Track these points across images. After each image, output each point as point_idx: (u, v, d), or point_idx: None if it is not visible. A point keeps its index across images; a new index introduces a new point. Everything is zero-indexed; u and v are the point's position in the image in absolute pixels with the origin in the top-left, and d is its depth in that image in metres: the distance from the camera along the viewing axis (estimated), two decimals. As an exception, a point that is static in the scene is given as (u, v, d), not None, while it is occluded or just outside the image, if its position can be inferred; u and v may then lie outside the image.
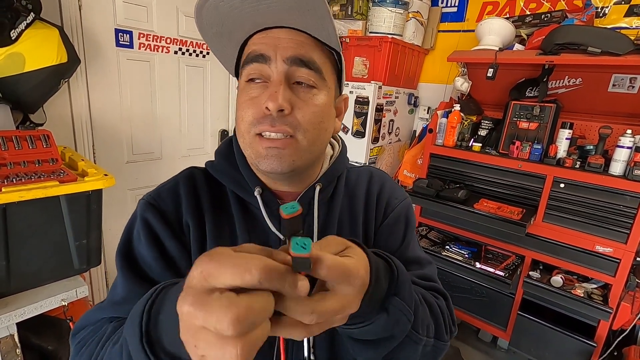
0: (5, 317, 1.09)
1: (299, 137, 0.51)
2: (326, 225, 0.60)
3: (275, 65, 0.49)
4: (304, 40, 0.50)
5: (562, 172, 1.83)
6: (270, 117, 0.49)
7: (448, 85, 2.62)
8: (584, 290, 1.80)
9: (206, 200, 0.59)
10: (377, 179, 0.67)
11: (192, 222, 0.56)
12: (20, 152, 1.25)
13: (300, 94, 0.50)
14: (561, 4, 2.18)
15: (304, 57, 0.49)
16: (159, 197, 0.58)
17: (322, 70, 0.52)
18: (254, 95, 0.51)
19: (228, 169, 0.59)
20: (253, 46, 0.51)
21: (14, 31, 1.33)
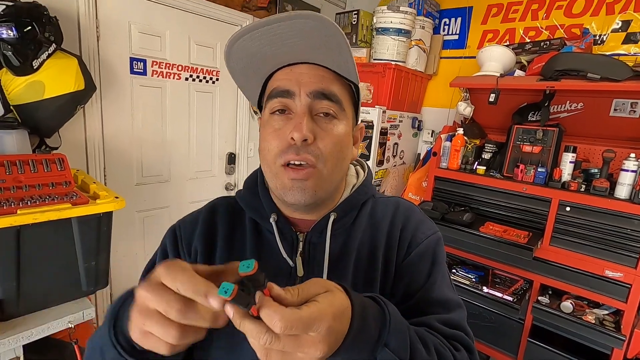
0: (12, 340, 1.10)
1: (320, 167, 0.53)
2: (342, 256, 0.59)
3: (299, 99, 0.53)
4: (325, 74, 0.54)
5: (567, 196, 1.83)
6: (295, 147, 0.52)
7: (451, 109, 2.67)
8: (595, 317, 1.76)
9: (222, 228, 0.62)
10: (403, 211, 0.64)
11: (201, 248, 0.60)
12: (35, 175, 1.30)
13: (322, 124, 0.54)
14: (560, 31, 2.25)
15: (325, 91, 0.53)
16: (182, 223, 0.64)
17: (342, 101, 0.55)
18: (278, 127, 0.54)
19: (250, 196, 0.63)
20: (277, 82, 0.55)
21: (36, 61, 1.41)
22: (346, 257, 0.59)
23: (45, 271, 1.19)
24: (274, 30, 0.49)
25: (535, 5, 2.32)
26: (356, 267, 0.59)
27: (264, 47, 0.51)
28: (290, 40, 0.50)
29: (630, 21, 2.03)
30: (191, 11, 2.15)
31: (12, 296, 1.14)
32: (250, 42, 0.50)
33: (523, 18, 2.38)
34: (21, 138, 1.41)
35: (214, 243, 0.61)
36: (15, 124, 1.41)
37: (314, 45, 0.51)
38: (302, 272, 0.57)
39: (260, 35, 0.50)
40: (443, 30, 2.71)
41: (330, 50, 0.51)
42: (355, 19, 2.54)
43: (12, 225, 1.07)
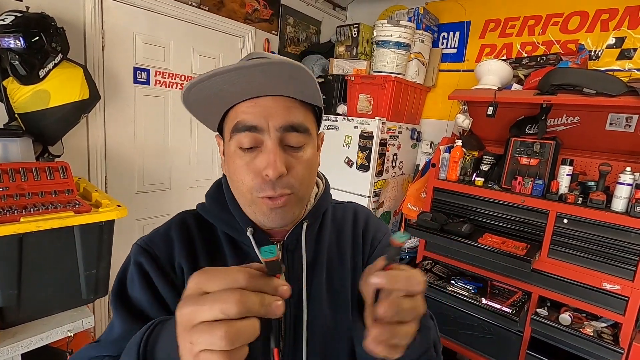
0: (12, 348, 1.10)
1: (296, 192, 0.55)
2: (315, 259, 0.63)
3: (268, 135, 0.52)
4: (291, 104, 0.53)
5: (564, 208, 1.84)
6: (270, 183, 0.52)
7: (450, 121, 2.71)
8: (593, 329, 1.76)
9: (200, 243, 0.61)
10: (362, 215, 0.72)
11: (186, 265, 0.59)
12: (38, 182, 1.31)
13: (292, 153, 0.54)
14: (556, 47, 2.30)
15: (293, 124, 0.53)
16: (152, 242, 0.60)
17: (309, 128, 0.56)
18: (249, 160, 0.53)
19: (219, 211, 0.62)
20: (243, 115, 0.52)
21: (43, 70, 1.43)
22: (319, 260, 0.64)
23: (46, 279, 1.19)
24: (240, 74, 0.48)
25: (532, 21, 2.38)
26: (328, 268, 0.64)
27: (225, 85, 0.50)
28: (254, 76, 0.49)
29: (624, 38, 2.09)
30: (195, 23, 2.19)
31: (12, 304, 1.13)
32: (210, 84, 0.49)
33: (520, 33, 2.44)
34: (25, 146, 1.42)
35: (197, 259, 0.60)
36: (20, 132, 1.42)
37: (279, 78, 0.50)
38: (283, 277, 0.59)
39: (223, 79, 0.48)
40: (442, 44, 2.76)
41: (293, 80, 0.51)
42: (356, 32, 2.59)
43: (15, 233, 1.08)
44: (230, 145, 0.55)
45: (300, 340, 0.58)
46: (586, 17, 2.20)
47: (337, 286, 0.63)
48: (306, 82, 0.52)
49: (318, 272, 0.63)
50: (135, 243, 0.61)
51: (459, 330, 2.18)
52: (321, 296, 0.62)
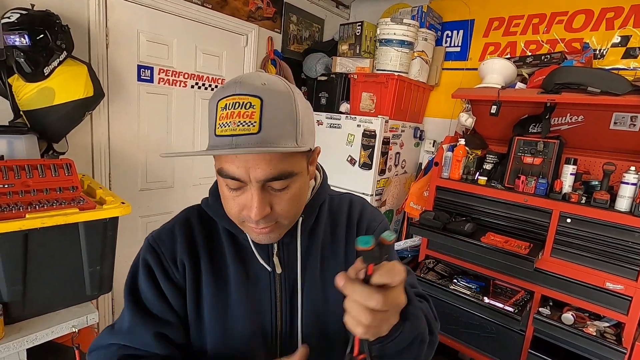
0: (17, 343, 1.11)
1: (281, 221, 0.58)
2: (310, 251, 0.67)
3: (250, 184, 0.53)
4: (273, 156, 0.52)
5: (568, 207, 1.84)
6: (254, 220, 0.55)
7: (453, 120, 2.70)
8: (596, 329, 1.76)
9: (200, 239, 0.65)
10: (357, 205, 0.74)
11: (187, 261, 0.63)
12: (43, 179, 1.32)
13: (276, 193, 0.55)
14: (560, 45, 2.29)
15: (275, 175, 0.53)
16: (159, 239, 0.65)
17: (294, 170, 0.55)
18: (235, 195, 0.56)
19: (220, 208, 0.63)
20: (226, 164, 0.53)
21: (47, 68, 1.44)
22: (313, 250, 0.67)
23: (51, 275, 1.20)
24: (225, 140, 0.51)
25: (536, 19, 2.37)
26: (322, 255, 0.68)
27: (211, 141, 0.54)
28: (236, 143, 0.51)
29: (629, 36, 2.07)
30: (198, 20, 2.20)
31: (17, 299, 1.14)
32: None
33: (524, 32, 2.42)
34: (30, 143, 1.43)
35: (197, 255, 0.64)
36: (25, 129, 1.43)
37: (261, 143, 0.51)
38: (280, 269, 0.64)
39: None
40: (445, 42, 2.75)
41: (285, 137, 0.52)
42: (359, 30, 2.59)
43: (21, 229, 1.09)
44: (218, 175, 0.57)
45: (295, 321, 0.64)
46: (591, 16, 2.18)
47: (331, 272, 0.66)
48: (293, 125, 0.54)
49: (312, 260, 0.66)
50: (146, 238, 0.66)
51: (461, 329, 2.18)
52: (315, 281, 0.66)
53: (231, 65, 2.45)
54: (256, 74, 0.55)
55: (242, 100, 0.50)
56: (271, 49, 2.62)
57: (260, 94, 0.50)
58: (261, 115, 0.50)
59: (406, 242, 2.55)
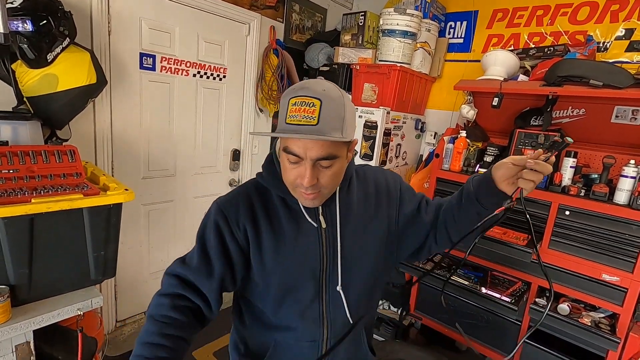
0: (24, 324, 1.13)
1: (323, 191, 0.78)
2: (347, 211, 0.87)
3: (306, 161, 0.73)
4: (324, 142, 0.72)
5: (567, 200, 1.85)
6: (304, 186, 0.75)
7: (454, 112, 2.70)
8: (591, 319, 1.79)
9: (259, 207, 0.84)
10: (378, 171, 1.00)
11: (249, 225, 0.82)
12: (47, 165, 1.33)
13: (322, 170, 0.76)
14: (564, 38, 2.28)
15: (324, 156, 0.73)
16: (226, 205, 0.84)
17: (337, 154, 0.75)
18: (293, 167, 0.76)
19: (274, 180, 0.84)
20: (290, 144, 0.73)
21: (51, 54, 1.44)
22: (350, 212, 0.88)
23: (56, 259, 1.22)
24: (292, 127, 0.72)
25: (541, 11, 2.35)
26: (358, 215, 0.89)
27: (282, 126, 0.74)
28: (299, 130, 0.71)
29: (633, 29, 2.06)
30: (201, 8, 2.19)
31: (24, 282, 1.17)
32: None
33: (528, 23, 2.41)
34: (34, 129, 1.44)
35: (257, 218, 0.83)
36: (29, 115, 1.44)
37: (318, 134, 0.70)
38: (324, 225, 0.86)
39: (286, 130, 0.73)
40: (448, 34, 2.74)
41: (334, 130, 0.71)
42: (362, 20, 2.57)
43: (27, 213, 1.10)
44: (281, 151, 0.77)
45: (336, 260, 0.85)
46: (596, 8, 2.17)
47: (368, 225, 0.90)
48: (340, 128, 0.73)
49: (349, 218, 0.87)
50: (215, 202, 0.86)
51: (459, 319, 2.22)
52: (351, 233, 0.87)
53: (233, 54, 2.44)
54: (319, 81, 0.76)
55: (307, 101, 0.70)
56: (273, 38, 2.61)
57: (320, 97, 0.70)
58: (320, 113, 0.69)
59: (406, 233, 2.57)
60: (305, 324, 0.86)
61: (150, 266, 2.31)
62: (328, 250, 0.85)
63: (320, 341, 0.87)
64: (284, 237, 0.83)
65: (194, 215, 2.44)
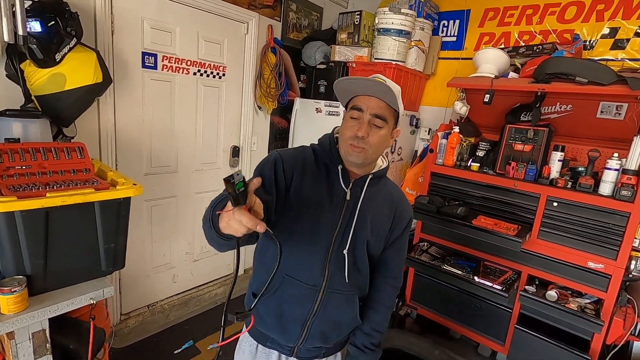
0: (40, 312, 1.19)
1: (367, 148, 0.95)
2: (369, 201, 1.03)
3: (365, 114, 0.94)
4: (382, 105, 0.94)
5: (555, 192, 1.94)
6: (357, 138, 0.94)
7: (448, 108, 2.78)
8: (577, 305, 1.88)
9: (308, 165, 1.02)
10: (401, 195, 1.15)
11: (297, 173, 0.99)
12: (57, 162, 1.38)
13: (374, 129, 0.95)
14: (552, 36, 2.36)
15: (379, 114, 0.94)
16: (284, 156, 1.00)
17: (387, 119, 0.96)
18: (352, 125, 0.96)
19: (326, 151, 1.04)
20: (358, 102, 0.96)
21: (59, 54, 1.49)
22: (372, 203, 1.03)
23: (69, 251, 1.28)
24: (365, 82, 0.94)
25: (530, 10, 2.43)
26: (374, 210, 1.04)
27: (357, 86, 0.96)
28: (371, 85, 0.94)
29: (618, 28, 2.15)
30: (201, 8, 2.23)
31: (39, 273, 1.22)
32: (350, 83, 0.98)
33: (518, 22, 2.49)
34: (43, 127, 1.49)
35: (304, 173, 1.00)
36: (39, 113, 1.49)
37: (381, 90, 0.93)
38: (349, 197, 1.01)
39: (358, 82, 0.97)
40: (442, 32, 2.81)
41: (387, 94, 0.93)
42: (358, 20, 2.64)
43: (43, 207, 1.16)
44: (347, 114, 0.98)
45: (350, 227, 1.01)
46: (582, 7, 2.26)
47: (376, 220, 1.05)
48: (395, 96, 0.94)
49: (369, 207, 1.03)
50: (275, 150, 1.02)
51: (452, 307, 2.31)
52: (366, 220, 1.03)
53: (232, 52, 2.49)
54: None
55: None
56: (271, 37, 2.66)
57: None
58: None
59: (401, 226, 2.65)
60: (311, 270, 1.00)
61: (153, 261, 2.36)
62: (346, 217, 1.01)
63: (320, 288, 1.01)
64: (319, 193, 1.00)
65: (195, 211, 2.49)
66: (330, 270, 1.01)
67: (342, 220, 1.01)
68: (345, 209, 1.01)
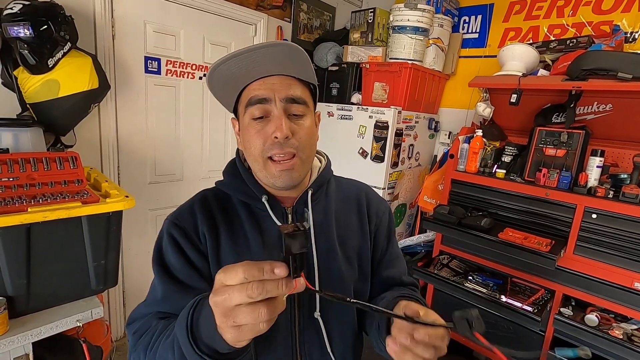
0: (22, 337, 1.10)
1: (300, 154, 0.66)
2: (324, 221, 0.75)
3: (275, 105, 0.64)
4: (292, 82, 0.66)
5: (594, 202, 1.73)
6: (278, 143, 0.64)
7: (470, 110, 2.59)
8: (622, 332, 1.66)
9: (218, 213, 0.72)
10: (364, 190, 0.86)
11: (208, 233, 0.70)
12: (48, 172, 1.30)
13: (295, 122, 0.66)
14: (587, 29, 2.14)
15: (294, 97, 0.65)
16: (180, 216, 0.72)
17: (307, 101, 0.68)
18: (260, 128, 0.65)
19: (237, 183, 0.74)
20: (254, 91, 0.65)
21: (52, 59, 1.42)
22: (328, 222, 0.76)
23: (55, 269, 1.19)
24: (252, 56, 0.61)
25: (561, 1, 2.22)
26: (338, 226, 0.76)
27: (241, 69, 0.63)
28: (262, 60, 0.62)
29: (665, 17, 1.91)
30: (206, 10, 2.15)
31: (22, 293, 1.14)
32: (229, 66, 0.62)
33: (548, 15, 2.28)
34: (36, 136, 1.42)
35: (217, 226, 0.71)
36: (30, 121, 1.42)
37: (281, 62, 0.63)
38: None
39: (240, 60, 0.61)
40: (462, 29, 2.63)
41: (295, 64, 0.64)
42: (372, 17, 2.49)
43: (23, 223, 1.07)
44: (244, 119, 0.67)
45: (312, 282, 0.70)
46: (622, -4, 2.03)
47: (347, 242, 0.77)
48: (303, 63, 0.65)
49: (328, 234, 0.74)
50: (167, 219, 0.72)
51: (476, 328, 2.11)
52: (335, 249, 0.74)
53: (240, 56, 2.40)
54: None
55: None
56: (281, 38, 2.56)
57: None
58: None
59: (419, 237, 2.47)
60: (278, 354, 0.70)
61: (159, 272, 2.28)
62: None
63: None
64: (248, 248, 0.70)
65: (202, 220, 2.41)
66: (306, 349, 0.71)
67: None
68: None
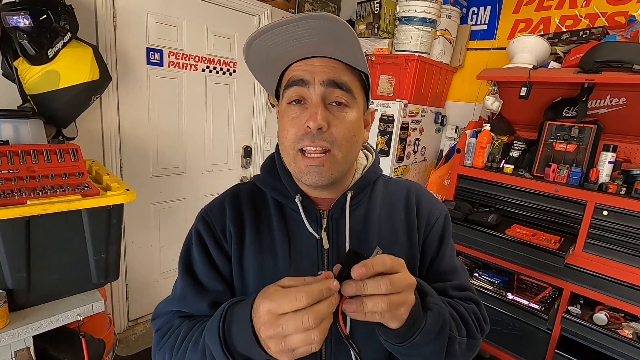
0: (22, 330, 1.09)
1: (335, 152, 0.58)
2: (364, 229, 0.66)
3: (313, 88, 0.57)
4: (336, 65, 0.58)
5: (605, 199, 1.68)
6: (310, 134, 0.56)
7: (477, 104, 2.53)
8: (632, 331, 1.62)
9: (247, 211, 0.67)
10: (415, 192, 0.72)
11: (234, 229, 0.65)
12: (49, 165, 1.29)
13: (335, 112, 0.57)
14: (601, 20, 2.07)
15: (337, 80, 0.57)
16: (210, 211, 0.69)
17: (353, 90, 0.59)
18: (295, 115, 0.58)
19: (272, 180, 0.67)
20: (293, 72, 0.59)
21: (52, 50, 1.39)
22: (368, 230, 0.65)
23: (55, 262, 1.18)
24: (289, 30, 0.53)
25: (574, -9, 2.15)
26: (379, 238, 0.65)
27: (279, 45, 0.55)
28: (304, 37, 0.54)
29: (683, 7, 1.84)
30: (209, 1, 2.11)
31: (22, 287, 1.13)
32: (267, 40, 0.55)
33: (560, 6, 2.21)
34: (36, 128, 1.41)
35: (243, 225, 0.66)
36: (30, 113, 1.40)
37: (326, 41, 0.54)
38: (327, 244, 0.63)
39: (277, 34, 0.54)
40: (471, 20, 2.56)
41: (340, 44, 0.55)
42: (378, 8, 2.44)
43: (22, 215, 1.06)
44: (282, 104, 0.61)
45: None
46: (639, -15, 1.96)
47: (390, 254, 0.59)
48: (351, 44, 0.55)
49: (366, 243, 0.64)
50: (199, 212, 0.70)
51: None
52: None
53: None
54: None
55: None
56: (285, 30, 2.51)
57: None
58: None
59: (424, 232, 2.44)
60: None
61: (162, 265, 2.28)
62: None
63: None
64: (274, 255, 0.63)
65: (205, 214, 2.39)
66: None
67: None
68: (326, 263, 0.63)
